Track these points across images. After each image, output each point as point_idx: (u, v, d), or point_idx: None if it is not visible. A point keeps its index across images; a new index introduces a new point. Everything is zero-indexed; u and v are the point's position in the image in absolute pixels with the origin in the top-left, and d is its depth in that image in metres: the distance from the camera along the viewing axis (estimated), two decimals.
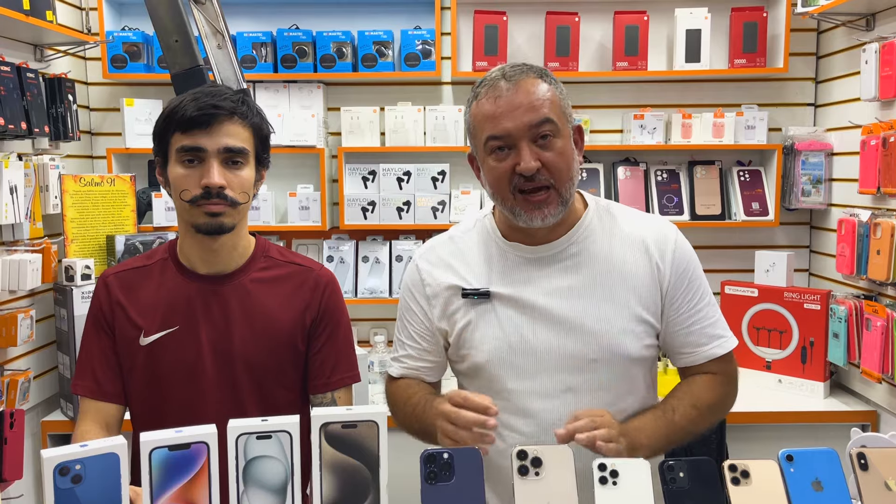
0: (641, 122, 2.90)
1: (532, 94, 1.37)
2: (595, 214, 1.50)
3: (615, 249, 1.46)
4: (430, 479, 1.00)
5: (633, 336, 1.43)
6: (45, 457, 0.95)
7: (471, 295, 1.47)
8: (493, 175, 1.41)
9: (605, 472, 0.99)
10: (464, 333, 1.48)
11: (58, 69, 2.71)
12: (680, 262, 1.47)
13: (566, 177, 1.39)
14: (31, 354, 2.58)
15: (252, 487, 1.04)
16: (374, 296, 2.95)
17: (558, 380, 1.43)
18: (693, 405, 1.44)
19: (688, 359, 1.49)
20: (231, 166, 1.47)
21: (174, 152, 1.47)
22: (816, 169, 2.82)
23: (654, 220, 1.52)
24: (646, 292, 1.44)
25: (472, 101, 1.44)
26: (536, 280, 1.45)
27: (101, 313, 1.56)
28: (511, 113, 1.36)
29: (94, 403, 1.54)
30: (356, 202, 2.91)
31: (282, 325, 1.55)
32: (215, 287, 1.54)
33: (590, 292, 1.43)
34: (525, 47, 3.02)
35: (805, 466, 0.99)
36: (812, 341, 2.66)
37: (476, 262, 1.50)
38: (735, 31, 2.89)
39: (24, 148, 2.56)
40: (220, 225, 1.47)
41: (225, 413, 1.42)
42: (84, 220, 2.64)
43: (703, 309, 1.48)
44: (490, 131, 1.38)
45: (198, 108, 1.44)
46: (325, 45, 2.88)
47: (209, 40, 2.21)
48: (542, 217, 1.39)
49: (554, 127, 1.37)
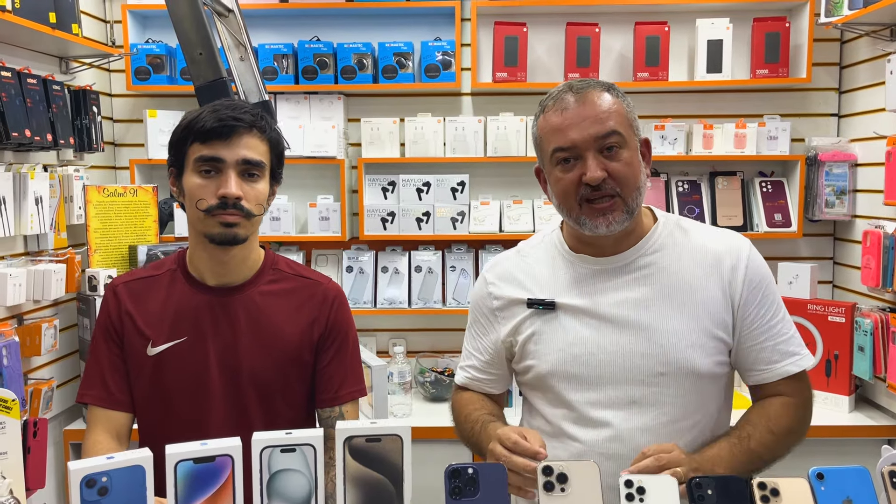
0: (662, 132, 2.89)
1: (598, 106, 1.38)
2: (665, 228, 1.49)
3: (685, 264, 1.44)
4: (454, 495, 0.99)
5: (703, 351, 1.40)
6: (71, 469, 0.95)
7: (536, 305, 1.47)
8: (559, 186, 1.41)
9: (632, 488, 0.98)
10: (528, 344, 1.48)
11: (83, 81, 2.75)
12: (753, 276, 1.44)
13: (633, 186, 1.39)
14: (54, 364, 2.61)
15: (276, 500, 1.04)
16: (392, 306, 2.94)
17: (624, 392, 1.40)
18: (770, 430, 1.40)
19: (760, 376, 1.45)
20: (248, 178, 1.47)
21: (191, 162, 1.47)
22: (840, 180, 2.79)
23: (726, 235, 1.50)
24: (717, 307, 1.42)
25: (539, 114, 1.45)
26: (603, 291, 1.44)
27: (109, 322, 1.56)
28: (578, 125, 1.37)
29: (104, 412, 1.53)
30: (376, 213, 2.92)
31: (289, 339, 1.54)
32: (223, 299, 1.54)
33: (659, 305, 1.41)
34: (545, 58, 3.02)
35: (836, 484, 0.97)
36: (837, 354, 2.62)
37: (542, 274, 1.51)
38: (757, 42, 2.87)
39: (50, 159, 2.59)
40: (234, 235, 1.47)
41: (230, 425, 1.42)
42: (107, 231, 2.67)
43: (777, 325, 1.45)
44: (557, 143, 1.39)
45: (218, 120, 1.45)
46: (346, 57, 2.89)
47: (232, 52, 2.23)
48: (606, 224, 1.38)
49: (620, 138, 1.38)
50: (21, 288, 2.25)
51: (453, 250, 3.00)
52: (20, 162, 2.37)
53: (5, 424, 1.13)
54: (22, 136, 2.21)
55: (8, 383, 2.10)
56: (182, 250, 1.60)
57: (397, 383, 2.73)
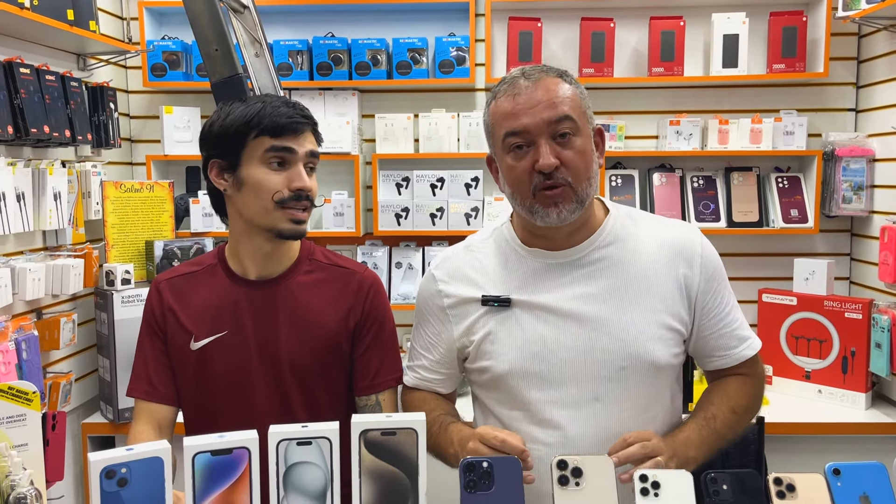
0: (677, 127, 2.87)
1: (552, 91, 1.35)
2: (617, 221, 1.47)
3: (639, 256, 1.43)
4: (469, 488, 1.00)
5: (662, 343, 1.39)
6: (91, 460, 0.97)
7: (491, 302, 1.44)
8: (512, 175, 1.38)
9: (647, 482, 0.98)
10: (483, 344, 1.44)
11: (100, 78, 2.77)
12: (707, 266, 1.44)
13: (584, 176, 1.36)
14: (72, 357, 2.64)
15: (292, 493, 1.05)
16: (407, 301, 2.95)
17: (585, 389, 1.38)
18: (732, 410, 1.42)
19: (719, 362, 1.47)
20: (309, 172, 1.53)
21: (261, 154, 1.48)
22: (858, 175, 2.77)
23: (677, 226, 1.49)
24: (672, 299, 1.41)
25: (490, 100, 1.43)
26: (559, 286, 1.42)
27: (153, 318, 1.60)
28: (530, 110, 1.34)
29: (148, 405, 1.57)
30: (390, 208, 2.92)
31: (327, 328, 1.56)
32: (262, 291, 1.56)
33: (616, 298, 1.40)
34: (559, 53, 3.01)
35: (852, 480, 0.97)
36: (853, 351, 2.60)
37: (495, 270, 1.47)
38: (774, 36, 2.85)
39: (68, 155, 2.62)
40: (302, 231, 1.53)
41: (275, 415, 1.44)
42: (124, 226, 2.69)
43: (732, 312, 1.47)
44: (509, 127, 1.36)
45: (290, 115, 1.49)
46: (360, 53, 2.90)
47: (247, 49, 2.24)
48: (557, 213, 1.35)
49: (573, 125, 1.35)
50: (40, 282, 2.28)
51: None
52: (39, 158, 2.40)
53: (26, 416, 1.15)
54: (41, 132, 2.23)
55: (27, 376, 2.12)
56: (221, 245, 1.63)
57: None
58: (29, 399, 1.14)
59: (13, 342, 2.08)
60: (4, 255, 2.26)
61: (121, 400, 2.52)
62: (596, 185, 1.41)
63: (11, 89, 2.14)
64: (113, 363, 2.52)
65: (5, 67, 2.13)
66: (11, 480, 1.10)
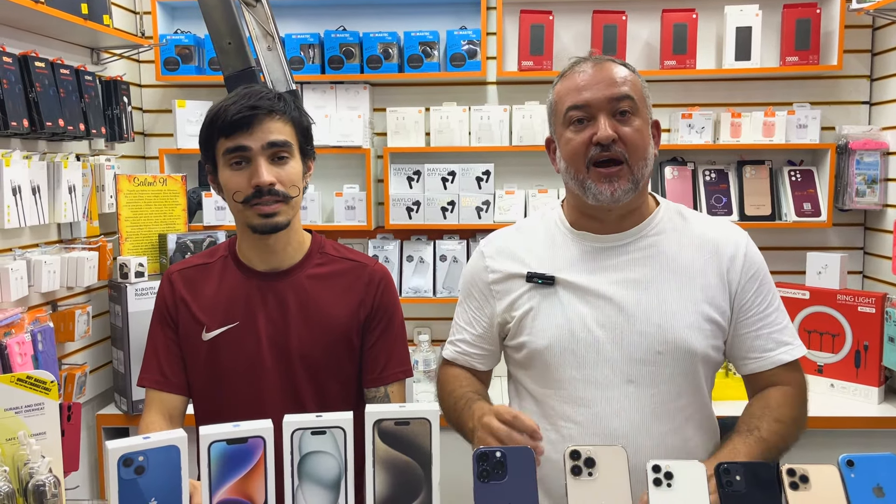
0: (689, 121, 2.86)
1: (615, 72, 1.42)
2: (666, 213, 1.50)
3: (685, 250, 1.45)
4: (482, 478, 1.00)
5: (701, 333, 1.41)
6: (109, 448, 0.98)
7: (535, 279, 1.47)
8: (569, 147, 1.42)
9: (660, 473, 0.98)
10: (524, 320, 1.47)
11: (113, 72, 2.79)
12: (750, 265, 1.46)
13: (640, 155, 1.40)
14: (87, 349, 2.66)
15: (307, 482, 1.06)
16: (418, 295, 2.96)
17: (620, 371, 1.40)
18: (776, 419, 1.39)
19: (755, 364, 1.46)
20: (278, 162, 1.49)
21: (221, 156, 1.50)
22: (871, 168, 2.75)
23: (724, 225, 1.51)
24: (714, 293, 1.43)
25: (556, 82, 1.48)
26: (604, 269, 1.44)
27: (165, 308, 1.61)
28: (594, 85, 1.40)
29: (159, 395, 1.59)
30: (401, 202, 2.93)
31: (337, 321, 1.57)
32: (273, 283, 1.57)
33: (659, 286, 1.42)
34: (571, 47, 3.00)
35: (866, 472, 0.97)
36: (866, 345, 2.59)
37: (542, 250, 1.51)
38: (787, 28, 2.83)
39: (82, 149, 2.64)
40: (274, 225, 1.50)
41: (284, 407, 1.45)
42: (137, 219, 2.71)
43: (773, 314, 1.46)
44: (571, 101, 1.41)
45: (237, 111, 1.47)
46: (372, 47, 2.90)
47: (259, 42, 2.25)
48: (611, 191, 1.38)
49: (633, 104, 1.40)
50: (55, 275, 2.30)
51: (478, 239, 3.01)
52: (54, 151, 2.42)
53: (44, 405, 1.16)
54: (56, 125, 2.25)
55: (43, 368, 2.14)
56: (233, 238, 1.65)
57: (422, 371, 2.75)
58: (47, 388, 1.16)
59: (29, 334, 2.10)
60: (20, 247, 2.28)
61: (135, 391, 2.54)
62: (650, 170, 1.44)
63: (27, 83, 2.16)
64: (127, 355, 2.54)
65: (21, 61, 2.15)
66: (30, 468, 1.11)
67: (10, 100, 2.07)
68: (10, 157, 2.10)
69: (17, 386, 1.14)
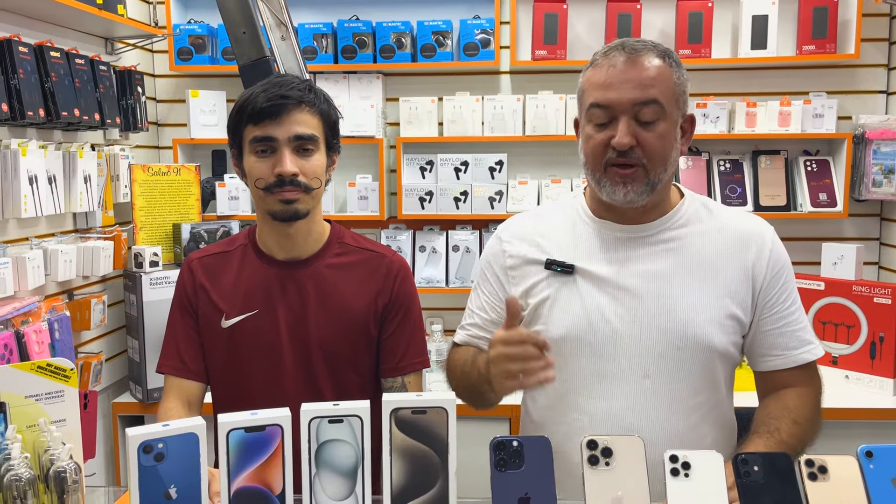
0: (704, 110, 2.84)
1: (646, 71, 1.34)
2: (691, 206, 1.47)
3: (710, 242, 1.42)
4: (499, 467, 1.01)
5: (721, 329, 1.38)
6: (129, 434, 0.99)
7: (554, 266, 1.44)
8: (588, 144, 1.39)
9: (677, 463, 0.98)
10: (541, 308, 1.45)
11: (127, 62, 2.79)
12: (776, 262, 1.43)
13: (659, 161, 1.35)
14: (102, 338, 2.68)
15: (323, 470, 1.06)
16: (430, 285, 2.96)
17: (637, 364, 1.38)
18: (794, 421, 1.37)
19: (775, 361, 1.43)
20: (302, 154, 1.51)
21: (248, 143, 1.51)
22: (888, 158, 2.73)
23: (752, 219, 1.48)
24: (738, 288, 1.40)
25: (588, 67, 1.43)
26: (625, 260, 1.42)
27: (185, 296, 1.62)
28: (620, 85, 1.34)
29: (178, 381, 1.60)
30: (414, 192, 2.93)
31: (355, 310, 1.58)
32: (292, 272, 1.58)
33: (680, 279, 1.39)
34: (585, 36, 2.98)
35: (885, 462, 0.97)
36: (882, 336, 2.57)
37: (562, 237, 1.48)
38: (804, 17, 2.80)
39: (97, 138, 2.65)
40: (294, 211, 1.51)
41: (302, 395, 1.46)
42: (152, 209, 2.72)
43: (795, 312, 1.44)
44: (595, 98, 1.37)
45: (267, 100, 1.48)
46: (385, 36, 2.89)
47: (273, 32, 2.25)
48: (624, 193, 1.36)
49: (659, 109, 1.34)
50: (71, 264, 2.31)
51: (491, 230, 3.00)
52: (69, 141, 2.43)
53: (64, 393, 1.18)
54: (71, 115, 2.26)
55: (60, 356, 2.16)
56: (252, 226, 1.66)
57: (435, 361, 2.75)
58: (67, 376, 1.17)
59: (46, 322, 2.12)
60: (37, 236, 2.29)
61: (150, 380, 2.56)
62: (671, 173, 1.40)
63: (42, 73, 2.17)
64: (142, 344, 2.55)
65: (36, 51, 2.16)
66: (51, 455, 1.13)
67: (26, 90, 2.08)
68: (26, 147, 2.11)
69: (37, 373, 1.15)
